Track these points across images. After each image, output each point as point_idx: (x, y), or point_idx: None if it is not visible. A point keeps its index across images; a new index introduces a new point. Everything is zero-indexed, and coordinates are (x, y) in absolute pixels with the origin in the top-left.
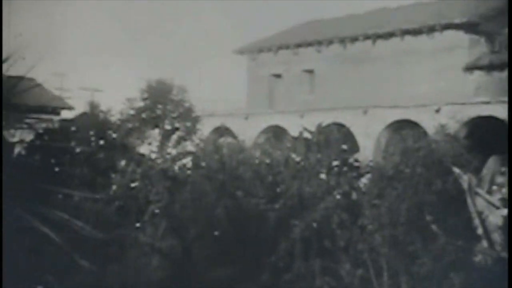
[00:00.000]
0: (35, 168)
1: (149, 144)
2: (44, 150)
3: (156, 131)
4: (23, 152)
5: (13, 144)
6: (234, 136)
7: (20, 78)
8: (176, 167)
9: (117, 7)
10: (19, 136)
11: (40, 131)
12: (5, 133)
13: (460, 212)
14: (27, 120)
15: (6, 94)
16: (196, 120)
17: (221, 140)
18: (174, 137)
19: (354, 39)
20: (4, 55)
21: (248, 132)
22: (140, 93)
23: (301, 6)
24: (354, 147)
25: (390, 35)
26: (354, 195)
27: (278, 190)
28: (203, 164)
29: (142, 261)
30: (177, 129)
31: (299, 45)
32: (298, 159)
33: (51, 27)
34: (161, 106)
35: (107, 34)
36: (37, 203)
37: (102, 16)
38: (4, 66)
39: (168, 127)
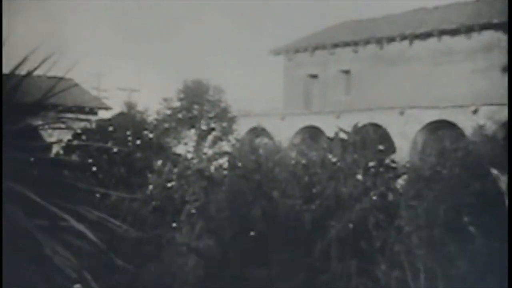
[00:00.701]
0: (73, 167)
1: (185, 144)
2: (82, 150)
3: (192, 131)
4: (61, 152)
5: (51, 144)
6: (269, 137)
7: (59, 79)
8: (212, 167)
9: (154, 6)
10: (57, 136)
11: (78, 131)
12: (43, 133)
13: (497, 214)
14: (65, 120)
15: (44, 94)
16: (232, 120)
17: (257, 140)
18: (210, 137)
19: (391, 40)
20: (41, 56)
21: (284, 132)
22: (176, 93)
23: (337, 6)
24: (391, 148)
25: (427, 35)
26: (390, 196)
27: (314, 190)
28: (240, 164)
29: (178, 261)
30: (213, 129)
31: (335, 46)
32: (334, 159)
33: (87, 28)
34: (198, 106)
35: (143, 35)
36: (75, 202)
37: (138, 16)
38: (43, 66)
39: (204, 127)
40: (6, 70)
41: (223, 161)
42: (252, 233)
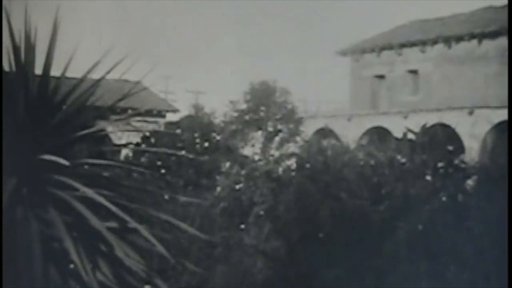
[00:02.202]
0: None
1: (252, 146)
2: (150, 153)
3: (259, 133)
4: (130, 155)
5: (120, 147)
6: (337, 138)
7: (128, 82)
8: (280, 169)
9: (220, 8)
10: (126, 139)
11: (147, 134)
12: (112, 136)
13: None
14: (134, 123)
15: (114, 97)
16: (299, 121)
17: (325, 141)
18: (277, 139)
19: (459, 39)
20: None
21: (351, 133)
22: (243, 95)
23: (404, 5)
24: (460, 148)
25: (496, 34)
26: (460, 197)
27: (382, 191)
28: (308, 165)
29: (246, 263)
30: (280, 131)
31: (403, 45)
32: (402, 160)
33: (155, 32)
34: (264, 108)
35: (210, 37)
36: (144, 205)
37: (205, 19)
38: (115, 70)
39: (271, 129)
40: (56, 72)
41: (291, 162)
42: (320, 234)
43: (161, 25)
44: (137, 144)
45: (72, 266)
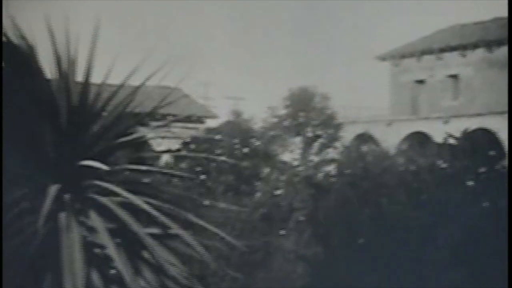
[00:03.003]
0: (182, 176)
1: (291, 151)
2: (190, 159)
3: (298, 138)
4: (170, 161)
5: (160, 153)
6: (376, 143)
7: (167, 88)
8: (320, 175)
9: (259, 15)
10: (166, 145)
11: (187, 140)
12: (152, 142)
13: None
14: (174, 130)
15: (153, 104)
16: (338, 127)
17: (364, 147)
18: (316, 144)
19: (500, 43)
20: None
21: (391, 138)
22: (282, 101)
23: (443, 9)
24: (501, 153)
25: None
26: (502, 203)
27: (423, 197)
28: (348, 171)
29: (286, 268)
30: (319, 136)
31: (443, 50)
32: (443, 165)
33: (194, 38)
34: (303, 113)
35: (250, 42)
36: (184, 211)
37: (243, 25)
38: (156, 77)
39: (310, 134)
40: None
41: (330, 168)
42: (360, 240)
43: (200, 32)
44: (177, 150)
45: (113, 271)
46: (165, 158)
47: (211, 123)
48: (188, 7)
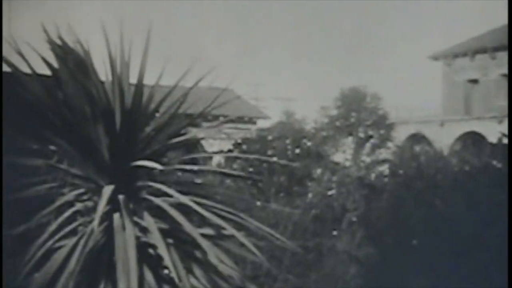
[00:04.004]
0: (234, 177)
1: (343, 152)
2: (242, 159)
3: (350, 139)
4: (222, 161)
5: (212, 154)
6: (429, 143)
7: (219, 89)
8: (373, 175)
9: (315, 13)
10: (218, 146)
11: (238, 140)
12: (204, 143)
13: None
14: (226, 131)
15: (205, 105)
16: (390, 127)
17: (417, 147)
18: (368, 144)
19: None
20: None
21: (444, 139)
22: (334, 101)
23: (497, 8)
24: None
25: None
26: None
27: (477, 198)
28: (401, 172)
29: (339, 270)
30: (371, 136)
31: (496, 49)
32: (498, 166)
33: (246, 41)
34: (355, 114)
35: (300, 43)
36: (237, 211)
37: (296, 25)
38: (207, 79)
39: (361, 135)
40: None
41: (383, 168)
42: (413, 242)
43: (252, 34)
44: (229, 151)
45: (166, 271)
46: (217, 159)
47: (262, 123)
48: (241, 9)
